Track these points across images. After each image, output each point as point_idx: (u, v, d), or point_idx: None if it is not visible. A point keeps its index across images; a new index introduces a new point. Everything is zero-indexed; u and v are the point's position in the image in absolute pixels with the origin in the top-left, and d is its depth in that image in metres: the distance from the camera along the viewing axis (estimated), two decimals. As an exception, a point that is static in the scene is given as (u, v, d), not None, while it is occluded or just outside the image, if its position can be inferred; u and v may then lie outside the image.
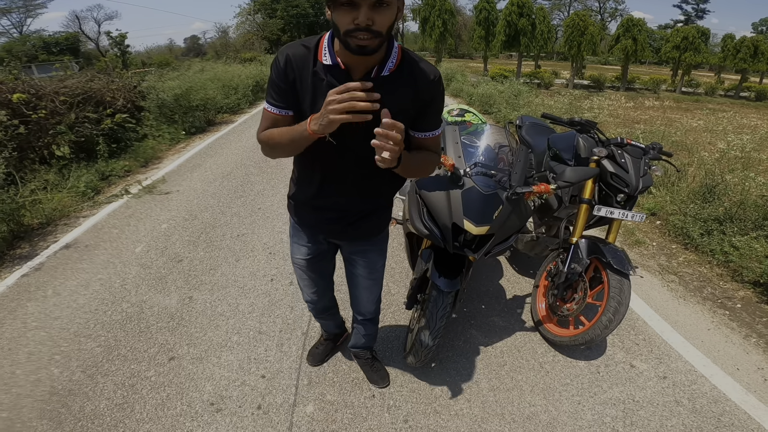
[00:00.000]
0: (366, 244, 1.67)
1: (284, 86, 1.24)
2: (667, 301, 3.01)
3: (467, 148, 2.06)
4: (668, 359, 2.42)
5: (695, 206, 3.90)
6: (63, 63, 6.86)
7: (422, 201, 1.88)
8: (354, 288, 1.85)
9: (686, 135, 5.90)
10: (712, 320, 2.82)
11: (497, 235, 1.78)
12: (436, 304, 1.82)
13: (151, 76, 8.97)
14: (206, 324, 2.55)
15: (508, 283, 3.09)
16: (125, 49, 20.88)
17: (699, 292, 3.17)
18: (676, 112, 14.12)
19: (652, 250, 3.79)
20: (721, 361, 2.42)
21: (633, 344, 2.53)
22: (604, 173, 2.30)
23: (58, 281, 3.01)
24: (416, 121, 1.32)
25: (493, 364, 2.32)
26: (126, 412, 1.96)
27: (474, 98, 10.11)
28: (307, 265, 1.75)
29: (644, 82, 23.34)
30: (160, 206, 4.31)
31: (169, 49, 53.49)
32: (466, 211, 1.73)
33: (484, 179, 1.83)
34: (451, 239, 1.76)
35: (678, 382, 2.25)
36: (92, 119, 5.57)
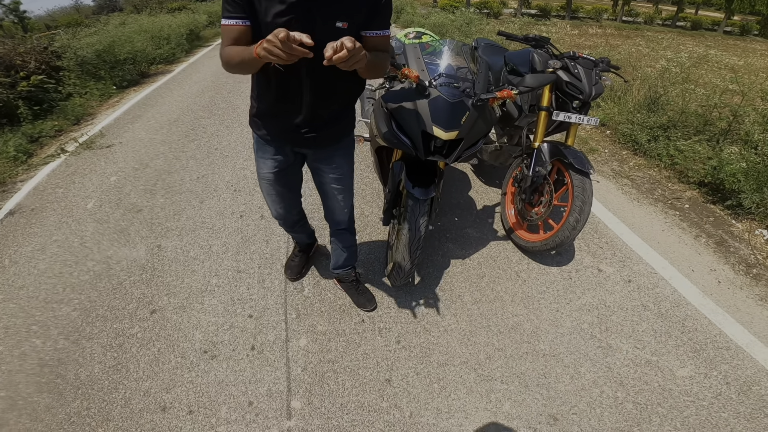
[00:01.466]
0: (331, 150, 1.69)
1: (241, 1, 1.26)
2: (623, 204, 3.20)
3: (429, 66, 2.06)
4: (630, 262, 2.55)
5: (641, 116, 4.13)
6: None
7: (390, 113, 1.88)
8: (326, 198, 1.86)
9: (629, 57, 6.11)
10: (665, 221, 3.02)
11: (466, 139, 1.82)
12: (414, 213, 1.86)
13: (62, 36, 8.16)
14: (181, 271, 2.46)
15: (476, 194, 3.17)
16: (22, 14, 18.68)
17: (650, 194, 3.38)
18: (617, 38, 14.40)
19: (604, 156, 4.01)
20: (677, 263, 2.55)
21: (598, 248, 2.68)
22: (560, 83, 2.41)
23: (12, 249, 2.77)
24: (368, 21, 1.35)
25: (472, 276, 2.40)
26: (122, 373, 1.89)
27: (426, 28, 9.87)
28: (275, 179, 1.75)
29: (587, 11, 23.52)
30: (104, 160, 3.99)
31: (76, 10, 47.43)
32: (435, 118, 1.75)
33: (449, 89, 1.85)
34: (422, 146, 1.78)
35: (642, 286, 2.37)
36: (5, 84, 5.09)
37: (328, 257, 2.40)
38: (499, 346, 2.00)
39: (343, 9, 1.28)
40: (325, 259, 2.49)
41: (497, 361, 1.93)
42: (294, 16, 1.26)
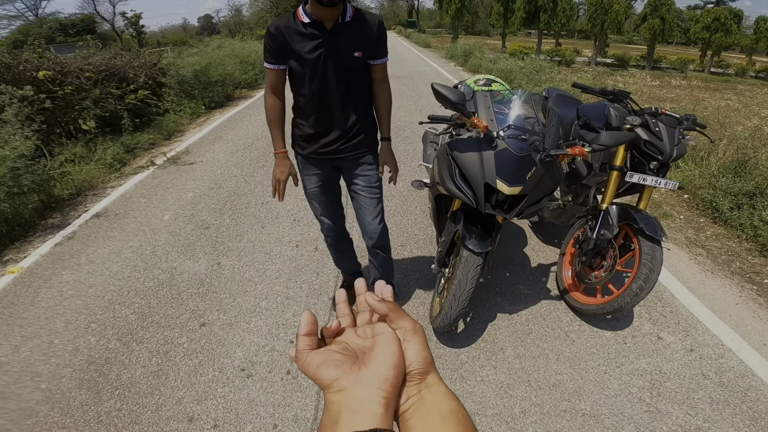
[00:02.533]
0: (362, 161, 2.00)
1: (276, 48, 1.72)
2: (695, 274, 2.97)
3: (498, 115, 2.04)
4: (695, 332, 2.39)
5: (726, 180, 3.80)
6: (86, 41, 6.94)
7: (454, 161, 1.88)
8: (360, 210, 2.10)
9: (716, 112, 5.72)
10: (740, 295, 2.78)
11: (530, 195, 1.78)
12: (467, 265, 1.84)
13: (170, 54, 9.06)
14: (235, 290, 2.60)
15: (532, 251, 3.08)
16: (140, 29, 20.97)
17: (727, 266, 3.11)
18: (704, 91, 13.61)
19: (679, 223, 3.73)
20: (749, 336, 2.38)
21: (660, 316, 2.51)
22: (638, 141, 2.26)
23: (91, 249, 3.10)
24: (374, 52, 1.81)
25: (518, 331, 2.33)
26: (161, 379, 2.01)
27: (494, 74, 9.89)
28: (320, 191, 2.06)
29: (671, 61, 22.40)
30: (185, 176, 4.38)
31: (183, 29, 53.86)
32: (500, 171, 1.73)
33: (517, 142, 1.82)
34: (483, 199, 1.77)
35: (705, 355, 2.23)
36: (116, 95, 5.71)
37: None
38: (536, 402, 1.91)
39: (359, 42, 1.74)
40: (371, 296, 2.51)
41: (532, 416, 1.85)
42: (324, 50, 1.69)
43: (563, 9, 20.27)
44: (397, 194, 3.80)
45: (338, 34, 1.70)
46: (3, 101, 4.04)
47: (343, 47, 1.72)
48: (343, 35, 1.71)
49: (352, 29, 1.73)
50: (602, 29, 20.18)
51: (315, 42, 1.69)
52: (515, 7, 21.32)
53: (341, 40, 1.71)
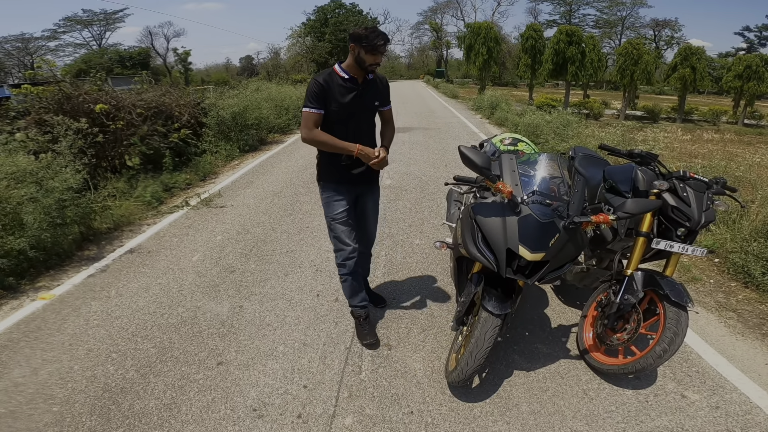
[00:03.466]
0: (374, 186, 2.62)
1: (321, 95, 2.25)
2: (724, 337, 2.88)
3: (522, 178, 2.08)
4: (722, 390, 2.33)
5: (758, 245, 3.68)
6: (142, 77, 7.18)
7: (477, 226, 1.92)
8: (366, 222, 2.67)
9: (750, 170, 5.57)
10: None
11: (552, 262, 1.81)
12: (485, 325, 1.86)
13: (212, 93, 9.49)
14: (254, 333, 2.67)
15: (553, 312, 3.03)
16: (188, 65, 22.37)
17: (758, 328, 3.01)
18: (737, 145, 13.35)
19: (709, 287, 3.60)
20: None
21: (685, 376, 2.44)
22: (665, 206, 2.24)
23: (122, 283, 3.26)
24: (384, 101, 2.48)
25: (534, 388, 2.29)
26: (173, 412, 2.06)
27: (520, 127, 9.93)
28: (347, 215, 2.48)
29: (703, 113, 22.14)
30: (216, 219, 4.58)
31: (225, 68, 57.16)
32: (522, 237, 1.77)
33: (541, 207, 1.86)
34: (504, 264, 1.80)
35: (731, 412, 2.16)
36: (161, 132, 5.99)
37: (385, 355, 2.51)
38: None
39: (377, 95, 2.42)
40: (386, 349, 2.56)
41: None
42: (353, 101, 2.29)
43: (591, 60, 20.59)
44: (419, 251, 3.85)
45: (366, 87, 2.35)
46: (59, 132, 4.31)
47: (367, 99, 2.37)
48: (368, 88, 2.37)
49: (373, 83, 2.41)
50: (632, 80, 20.24)
51: (347, 97, 2.29)
52: (543, 59, 21.79)
53: (367, 92, 2.36)
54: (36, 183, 3.62)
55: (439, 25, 62.19)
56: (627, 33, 55.81)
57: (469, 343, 1.95)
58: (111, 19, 47.71)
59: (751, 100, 21.90)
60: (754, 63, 21.07)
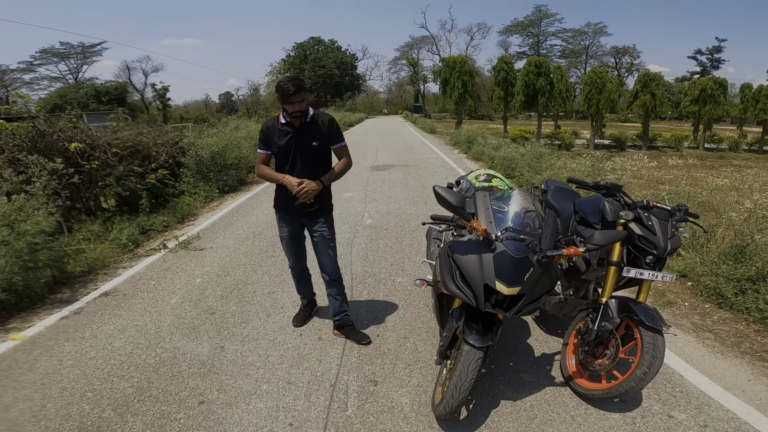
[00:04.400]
0: (320, 219, 2.83)
1: (265, 138, 2.70)
2: (704, 357, 2.95)
3: (497, 214, 2.16)
4: (708, 408, 2.36)
5: (727, 267, 3.83)
6: (117, 114, 6.99)
7: (455, 263, 1.99)
8: (319, 254, 2.90)
9: (712, 194, 5.87)
10: (752, 372, 2.76)
11: (528, 295, 1.87)
12: (468, 358, 1.90)
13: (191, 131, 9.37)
14: (237, 372, 2.61)
15: (536, 342, 3.07)
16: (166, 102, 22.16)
17: (736, 347, 3.10)
18: (700, 170, 14.03)
19: (684, 309, 3.69)
20: (765, 408, 2.35)
21: (670, 396, 2.48)
22: (632, 236, 2.33)
23: (96, 325, 3.17)
24: (329, 140, 2.73)
25: (522, 417, 2.29)
26: None
27: (496, 161, 10.21)
28: (290, 237, 2.90)
29: (666, 139, 23.14)
30: (195, 261, 4.51)
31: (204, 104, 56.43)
32: (498, 273, 1.84)
33: (514, 243, 1.94)
34: (483, 299, 1.86)
35: (720, 430, 2.19)
36: (137, 173, 5.83)
37: (371, 391, 2.49)
38: None
39: (315, 135, 2.66)
40: (372, 385, 2.53)
41: None
42: (291, 141, 2.63)
43: (560, 90, 21.50)
44: (401, 289, 3.88)
45: (302, 130, 2.63)
46: (33, 173, 4.18)
47: (306, 139, 2.64)
48: (306, 131, 2.64)
49: (313, 125, 2.66)
50: (597, 109, 21.19)
51: (285, 137, 2.64)
52: (515, 91, 22.60)
53: (304, 134, 2.64)
54: (8, 226, 3.54)
55: (416, 60, 64.50)
56: (591, 62, 59.17)
57: (453, 376, 1.97)
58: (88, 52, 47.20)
59: (709, 124, 22.97)
60: (709, 86, 22.23)
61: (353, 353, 2.84)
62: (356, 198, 7.54)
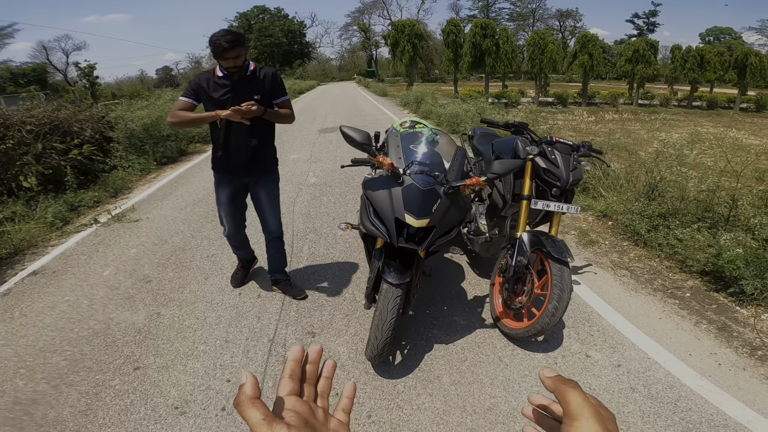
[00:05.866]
0: (264, 178, 2.69)
1: (196, 88, 2.43)
2: (620, 294, 3.15)
3: (409, 153, 2.20)
4: (622, 348, 2.51)
5: (639, 204, 4.11)
6: (29, 93, 6.66)
7: (368, 200, 2.01)
8: (262, 213, 2.78)
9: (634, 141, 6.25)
10: (663, 310, 2.95)
11: (438, 227, 1.92)
12: (387, 296, 1.95)
13: (120, 106, 8.88)
14: (173, 336, 2.61)
15: (469, 285, 3.21)
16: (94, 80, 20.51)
17: (650, 284, 3.32)
18: (634, 123, 14.84)
19: (604, 248, 3.97)
20: (673, 348, 2.50)
21: (588, 335, 2.64)
22: (538, 169, 2.47)
23: (25, 304, 3.04)
24: (272, 95, 2.53)
25: (454, 360, 2.41)
26: (89, 417, 2.04)
27: (443, 118, 10.44)
28: (229, 201, 2.68)
29: (603, 96, 24.14)
30: (130, 233, 4.34)
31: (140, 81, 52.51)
32: (407, 205, 1.87)
33: (423, 177, 1.98)
34: (395, 233, 1.89)
35: (632, 369, 2.32)
36: (59, 150, 5.52)
37: (308, 342, 2.55)
38: (471, 426, 1.97)
39: (257, 88, 2.45)
40: (310, 336, 2.60)
41: None
42: (228, 94, 2.39)
43: (506, 52, 21.74)
44: (342, 242, 3.91)
45: (241, 83, 2.43)
46: None
47: (245, 92, 2.40)
48: (245, 84, 2.43)
49: (254, 78, 2.46)
50: (540, 69, 21.73)
51: (224, 89, 2.41)
52: (463, 53, 22.67)
53: (243, 88, 2.42)
54: None
55: (367, 25, 62.58)
56: (537, 24, 60.08)
57: (374, 317, 2.03)
58: None
59: (642, 83, 24.25)
60: (641, 47, 23.36)
61: (292, 308, 2.90)
62: (302, 159, 7.48)
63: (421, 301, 2.95)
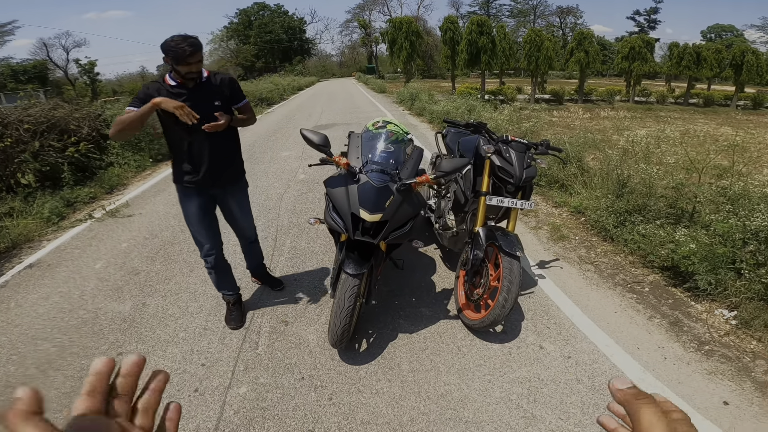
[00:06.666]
0: (234, 188, 2.61)
1: (144, 99, 2.16)
2: (582, 288, 3.25)
3: (367, 151, 2.38)
4: (574, 340, 2.60)
5: (607, 200, 4.23)
6: (27, 91, 6.92)
7: (329, 197, 2.19)
8: (236, 222, 2.75)
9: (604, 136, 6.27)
10: (620, 304, 3.05)
11: (391, 221, 2.09)
12: (345, 286, 2.12)
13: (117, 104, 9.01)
14: (156, 324, 2.81)
15: (439, 278, 3.37)
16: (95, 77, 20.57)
17: (611, 278, 3.42)
18: (630, 120, 14.91)
19: (574, 243, 4.09)
20: (623, 341, 2.58)
21: (545, 328, 2.75)
22: (493, 167, 2.61)
23: (21, 295, 3.24)
24: (230, 100, 2.43)
25: (415, 348, 2.55)
26: (72, 398, 2.21)
27: (434, 115, 10.60)
28: (200, 216, 2.51)
29: (600, 93, 24.21)
30: (122, 228, 4.53)
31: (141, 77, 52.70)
32: (362, 201, 2.05)
33: (378, 175, 2.15)
34: (351, 227, 2.07)
35: (580, 361, 2.41)
36: (56, 148, 5.71)
37: (281, 330, 2.74)
38: (424, 411, 2.10)
39: (215, 95, 2.34)
40: (283, 325, 2.78)
41: (419, 424, 2.03)
42: (188, 104, 2.15)
43: (502, 49, 21.82)
44: (323, 236, 4.08)
45: (197, 91, 2.29)
46: None
47: (204, 100, 2.29)
48: (202, 91, 2.31)
49: (209, 85, 2.34)
50: (537, 66, 21.80)
51: (180, 97, 2.22)
52: (459, 50, 22.75)
53: (201, 95, 2.29)
54: None
55: (367, 21, 62.58)
56: (538, 21, 59.89)
57: (333, 305, 2.20)
58: None
59: (638, 80, 24.30)
60: (637, 44, 23.46)
61: (269, 298, 3.08)
62: (293, 156, 7.66)
63: (391, 292, 3.12)
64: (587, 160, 5.52)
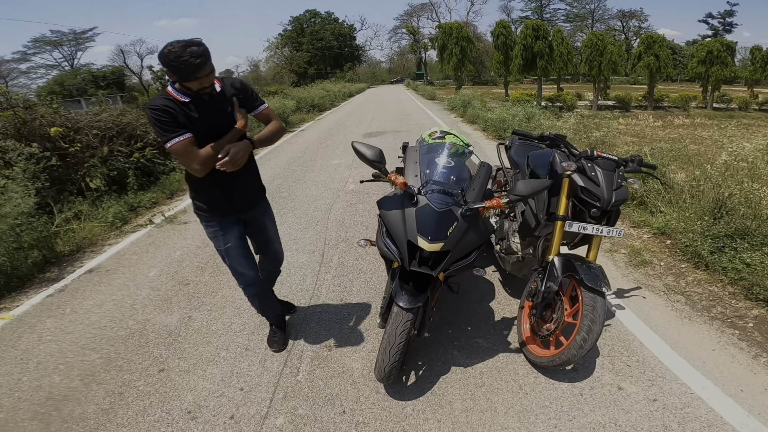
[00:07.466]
0: (263, 203, 2.39)
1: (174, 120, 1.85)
2: (670, 322, 2.85)
3: (427, 166, 2.08)
4: (662, 381, 2.28)
5: (703, 223, 3.70)
6: (98, 97, 7.24)
7: (382, 220, 1.95)
8: (269, 245, 2.48)
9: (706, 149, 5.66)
10: (718, 340, 2.65)
11: (453, 252, 1.81)
12: (396, 320, 1.87)
13: None
14: (199, 340, 2.73)
15: (498, 305, 3.05)
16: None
17: (707, 311, 2.98)
18: (709, 129, 13.58)
19: (659, 270, 3.60)
20: (724, 383, 2.25)
21: (624, 366, 2.41)
22: (575, 188, 2.25)
23: (77, 301, 3.31)
24: (246, 106, 2.09)
25: (470, 384, 2.28)
26: (109, 416, 2.17)
27: (488, 123, 10.13)
28: (236, 244, 2.25)
29: (673, 99, 22.62)
30: (178, 235, 4.60)
31: None
32: (420, 228, 1.78)
33: (440, 197, 1.87)
34: (407, 256, 1.81)
35: (669, 405, 2.11)
36: (124, 153, 5.99)
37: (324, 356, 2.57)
38: None
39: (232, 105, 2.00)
40: (327, 350, 2.60)
41: None
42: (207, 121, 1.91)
43: (560, 54, 20.90)
44: (372, 252, 3.87)
45: (216, 103, 1.96)
46: (11, 158, 4.32)
47: (223, 111, 1.99)
48: (219, 103, 1.98)
49: (223, 96, 2.01)
50: (599, 71, 20.64)
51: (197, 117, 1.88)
52: (513, 55, 22.05)
53: (218, 107, 1.97)
54: (-10, 210, 3.64)
55: (416, 28, 62.89)
56: (597, 25, 57.48)
57: (383, 339, 1.97)
58: (80, 38, 47.13)
59: (717, 85, 22.37)
60: (715, 48, 21.73)
61: (312, 320, 2.91)
62: (343, 164, 7.58)
63: (445, 319, 2.85)
64: (673, 175, 4.90)
